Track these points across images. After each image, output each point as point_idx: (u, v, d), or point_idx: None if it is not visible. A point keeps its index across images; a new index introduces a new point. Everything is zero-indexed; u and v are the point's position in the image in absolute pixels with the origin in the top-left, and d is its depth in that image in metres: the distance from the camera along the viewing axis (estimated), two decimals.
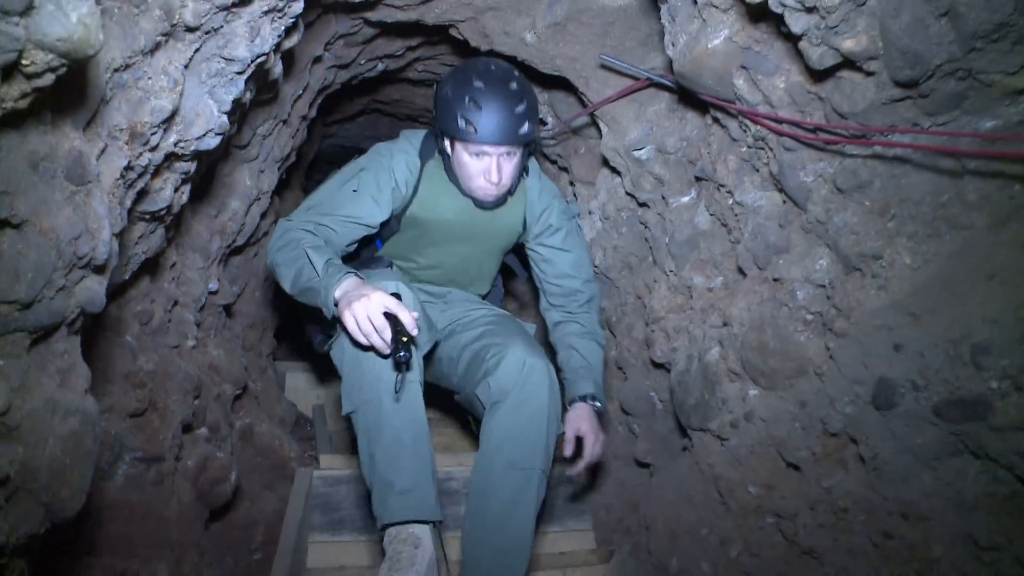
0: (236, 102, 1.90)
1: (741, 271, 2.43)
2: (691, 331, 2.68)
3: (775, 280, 2.26)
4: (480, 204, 2.47)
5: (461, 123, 2.26)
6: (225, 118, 1.82)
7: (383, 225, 2.44)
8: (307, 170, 5.18)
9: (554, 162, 3.58)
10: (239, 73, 1.83)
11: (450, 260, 2.63)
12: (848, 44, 1.64)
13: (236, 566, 2.81)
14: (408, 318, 1.92)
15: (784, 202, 2.20)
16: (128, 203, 1.65)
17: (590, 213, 3.24)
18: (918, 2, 1.53)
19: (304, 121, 3.14)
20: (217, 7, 1.62)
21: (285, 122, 2.81)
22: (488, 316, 2.58)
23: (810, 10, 1.62)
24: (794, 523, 2.30)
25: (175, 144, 1.71)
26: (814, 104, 1.92)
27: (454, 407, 2.89)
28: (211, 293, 2.58)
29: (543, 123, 3.38)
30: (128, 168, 1.55)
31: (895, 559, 2.02)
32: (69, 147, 1.38)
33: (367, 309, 1.90)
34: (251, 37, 1.77)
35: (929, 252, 1.87)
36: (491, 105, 2.25)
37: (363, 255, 2.60)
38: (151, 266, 2.21)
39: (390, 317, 1.91)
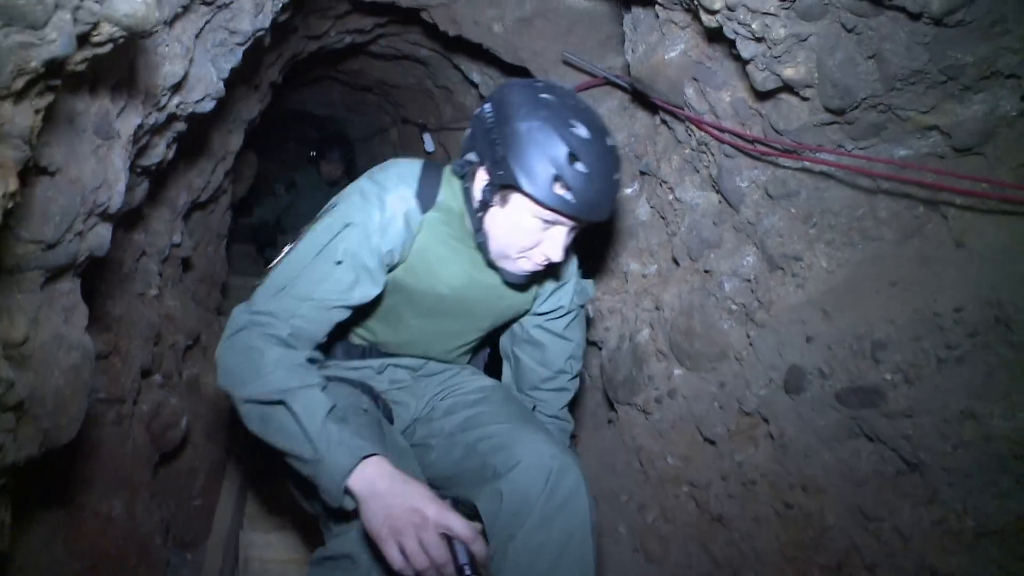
0: (233, 70, 2.09)
1: (675, 261, 2.73)
2: (624, 313, 2.97)
3: (706, 272, 2.56)
4: (509, 279, 1.91)
5: (551, 183, 1.65)
6: (222, 85, 2.01)
7: None
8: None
9: None
10: (239, 44, 2.02)
11: (434, 334, 2.07)
12: (789, 72, 1.93)
13: (178, 510, 3.00)
14: (480, 547, 1.50)
15: (720, 202, 2.50)
16: (131, 158, 1.85)
17: None
18: (851, 44, 1.83)
19: (271, 87, 3.31)
20: None
21: (256, 87, 2.98)
22: (476, 390, 2.09)
23: (759, 40, 1.90)
24: (707, 492, 2.63)
25: (177, 106, 1.90)
26: (754, 119, 2.22)
27: None
28: (174, 246, 2.75)
29: None
30: (140, 127, 1.74)
31: (794, 526, 2.36)
32: (100, 105, 1.58)
33: (422, 538, 1.46)
34: (255, 12, 1.96)
35: (843, 258, 2.20)
36: (597, 166, 1.67)
37: None
38: (128, 217, 2.38)
39: (448, 539, 1.48)
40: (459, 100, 4.14)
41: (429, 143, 4.82)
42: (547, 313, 2.14)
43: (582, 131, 1.68)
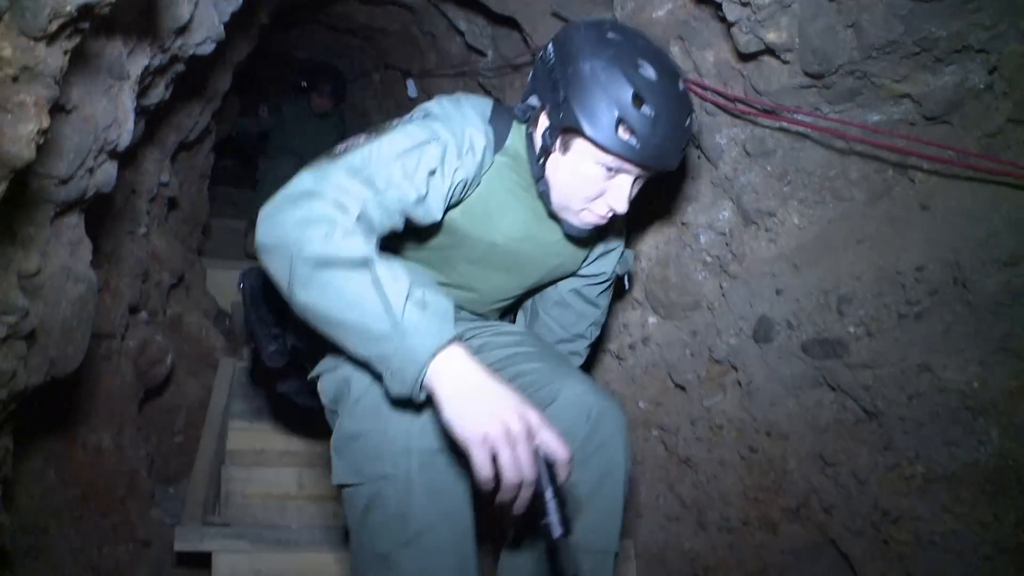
0: (232, 14, 2.15)
1: (653, 211, 2.84)
2: None
3: (683, 224, 2.69)
4: (570, 232, 1.85)
5: (615, 127, 1.58)
6: (223, 28, 2.08)
7: None
8: None
9: (488, 92, 3.91)
10: None
11: (477, 284, 1.95)
12: (771, 36, 2.04)
13: (160, 446, 3.11)
14: (567, 471, 1.32)
15: (699, 158, 2.62)
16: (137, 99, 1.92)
17: None
18: (831, 12, 1.94)
19: (260, 29, 3.35)
20: None
21: (247, 29, 3.02)
22: (508, 333, 2.03)
23: (744, 4, 2.00)
24: (675, 436, 2.78)
25: (179, 48, 1.97)
26: (736, 79, 2.32)
27: None
28: (162, 185, 2.81)
29: (483, 55, 3.69)
30: (146, 68, 1.81)
31: (758, 469, 2.52)
32: (114, 47, 1.65)
33: (518, 450, 1.26)
34: None
35: (814, 215, 2.33)
36: (664, 110, 1.60)
37: None
38: (122, 155, 2.44)
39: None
40: (444, 47, 4.19)
41: (412, 89, 4.87)
42: (588, 277, 2.08)
43: (650, 72, 1.59)
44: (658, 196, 2.74)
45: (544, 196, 1.78)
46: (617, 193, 1.69)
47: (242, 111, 6.34)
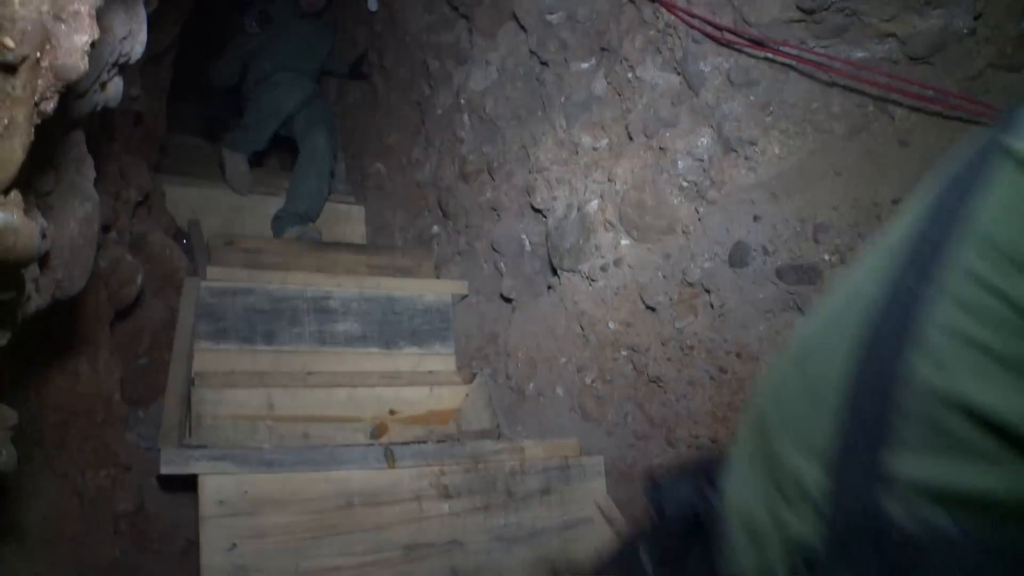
0: None
1: (630, 136, 2.94)
2: (573, 183, 3.19)
3: (660, 149, 2.79)
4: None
5: None
6: None
7: None
8: None
9: (456, 8, 3.90)
10: None
11: None
12: None
13: (126, 370, 3.13)
14: None
15: (680, 84, 2.72)
16: None
17: (487, 63, 3.63)
18: None
19: None
20: None
21: None
22: None
23: None
24: (645, 356, 2.94)
25: None
26: (724, 8, 2.42)
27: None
28: (131, 99, 2.78)
29: None
30: None
31: (727, 389, 2.70)
32: None
33: None
34: None
35: (795, 146, 2.47)
36: None
37: None
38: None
39: None
40: None
41: (373, 2, 4.81)
42: None
43: None
44: (636, 121, 2.83)
45: None
46: None
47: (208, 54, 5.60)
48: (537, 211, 3.42)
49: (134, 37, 1.69)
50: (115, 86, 1.77)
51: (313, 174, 4.94)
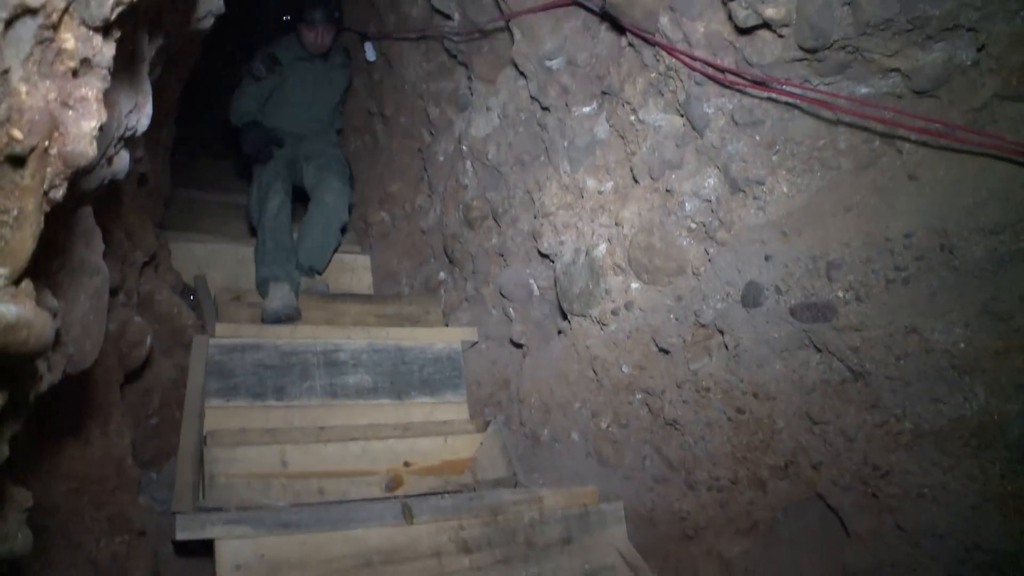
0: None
1: (635, 179, 2.93)
2: (580, 227, 3.17)
3: (667, 191, 2.78)
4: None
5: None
6: (222, 1, 2.06)
7: None
8: None
9: (454, 56, 3.91)
10: None
11: None
12: (770, 12, 2.13)
13: (136, 429, 3.09)
14: None
15: (684, 125, 2.71)
16: None
17: (488, 109, 3.63)
18: None
19: None
20: None
21: None
22: None
23: None
24: (661, 399, 2.90)
25: (182, 25, 1.95)
26: (727, 50, 2.41)
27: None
28: (136, 161, 2.77)
29: (448, 17, 3.68)
30: (159, 47, 1.80)
31: (745, 429, 2.66)
32: (141, 29, 1.64)
33: None
34: None
35: (803, 184, 2.45)
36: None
37: None
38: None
39: None
40: (404, 10, 4.19)
41: (371, 52, 4.82)
42: None
43: None
44: (640, 164, 2.82)
45: None
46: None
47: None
48: (544, 256, 3.41)
49: (140, 110, 1.68)
50: (121, 159, 1.76)
51: (320, 230, 4.64)
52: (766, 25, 2.20)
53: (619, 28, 2.78)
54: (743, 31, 2.27)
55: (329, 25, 4.80)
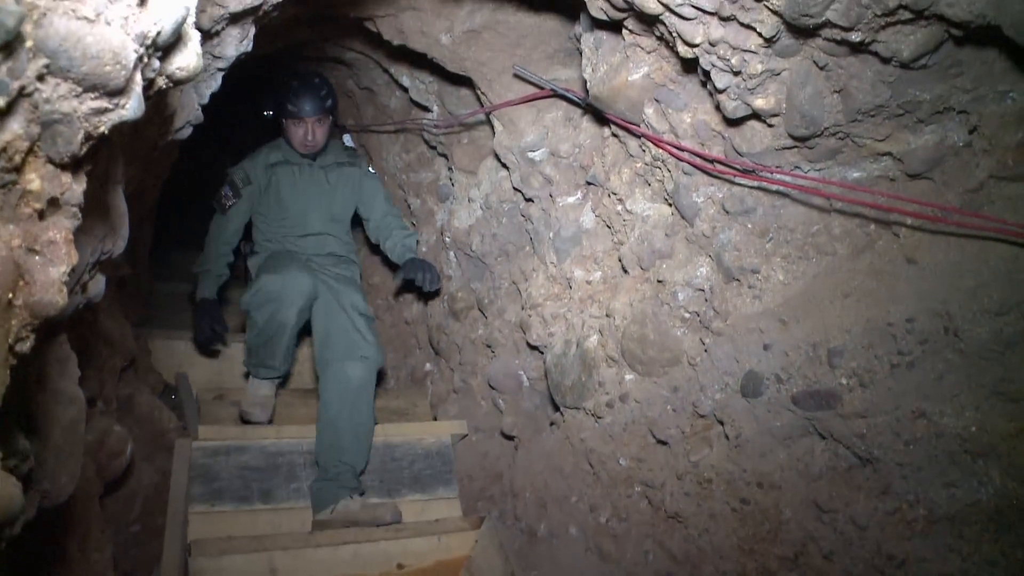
0: (212, 95, 2.04)
1: (624, 269, 2.83)
2: (569, 318, 3.07)
3: (658, 281, 2.68)
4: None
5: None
6: (200, 111, 1.96)
7: None
8: None
9: (434, 147, 3.84)
10: (221, 70, 1.98)
11: None
12: (759, 102, 2.06)
13: (118, 538, 2.91)
14: None
15: (672, 215, 2.62)
16: None
17: (470, 200, 3.55)
18: (820, 78, 1.97)
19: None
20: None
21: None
22: None
23: (736, 73, 2.02)
24: (661, 491, 2.76)
25: (159, 137, 1.85)
26: (715, 139, 2.34)
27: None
28: (115, 267, 2.65)
29: (427, 109, 3.62)
30: (133, 161, 1.69)
31: (751, 521, 2.53)
32: (114, 153, 1.53)
33: None
34: (240, 38, 1.93)
35: (799, 271, 2.36)
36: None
37: None
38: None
39: None
40: (382, 101, 4.12)
41: (348, 142, 4.76)
42: None
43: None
44: (629, 254, 2.73)
45: None
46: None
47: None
48: (533, 348, 3.29)
49: (115, 233, 1.57)
50: (97, 284, 1.64)
51: (347, 414, 3.48)
52: (756, 116, 2.13)
53: (602, 119, 2.71)
54: (732, 122, 2.20)
55: (321, 117, 3.80)
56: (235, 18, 1.79)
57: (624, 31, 2.31)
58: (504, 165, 3.24)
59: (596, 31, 2.43)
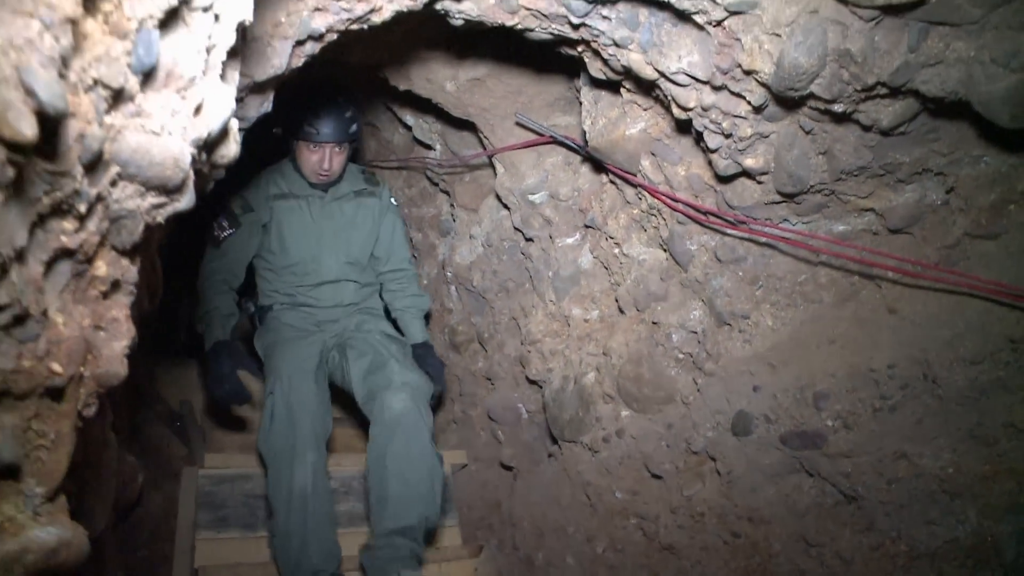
0: None
1: (620, 310, 2.98)
2: (567, 355, 3.21)
3: (654, 323, 2.83)
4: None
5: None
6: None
7: None
8: None
9: (436, 184, 3.99)
10: (241, 130, 2.12)
11: None
12: (749, 162, 2.21)
13: (126, 565, 3.03)
14: None
15: (667, 260, 2.77)
16: None
17: (471, 237, 3.70)
18: (806, 141, 2.12)
19: None
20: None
21: None
22: None
23: (727, 135, 2.17)
24: (655, 524, 2.90)
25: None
26: (707, 191, 2.49)
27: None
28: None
29: (430, 148, 3.77)
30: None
31: (742, 554, 2.67)
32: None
33: None
34: (262, 102, 2.07)
35: (787, 317, 2.51)
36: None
37: None
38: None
39: None
40: (385, 137, 4.27)
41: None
42: None
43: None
44: (626, 295, 2.88)
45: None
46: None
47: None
48: (532, 382, 3.43)
49: (156, 295, 1.71)
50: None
51: (397, 450, 2.97)
52: (746, 173, 2.28)
53: (601, 166, 2.87)
54: (723, 179, 2.35)
55: (343, 145, 3.28)
56: (259, 86, 1.94)
57: (622, 89, 2.47)
58: (505, 205, 3.39)
59: (595, 88, 2.59)
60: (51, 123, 0.85)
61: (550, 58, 2.59)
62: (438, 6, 2.17)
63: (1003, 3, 1.62)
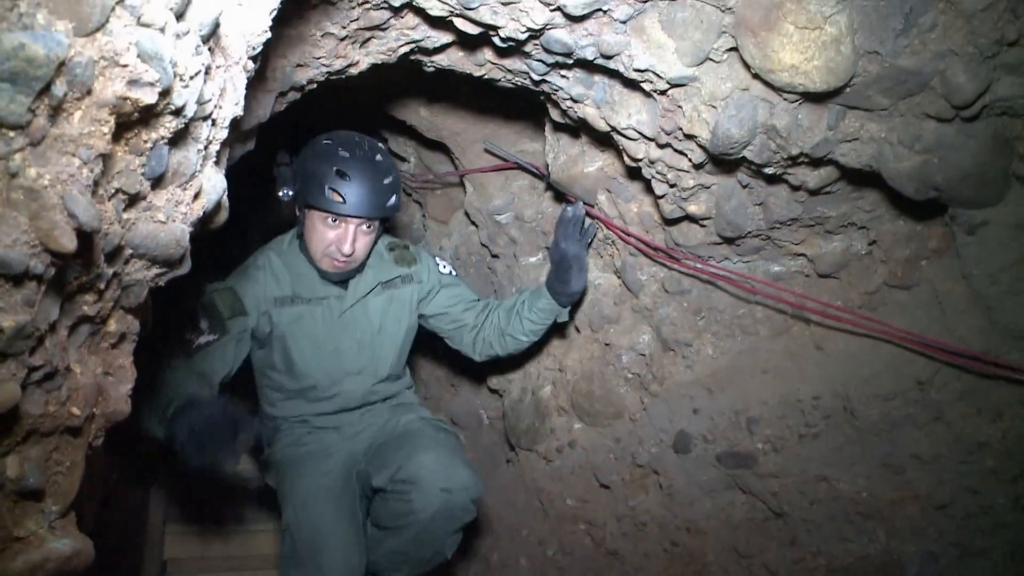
0: None
1: (576, 329, 3.24)
2: (527, 369, 3.47)
3: (606, 344, 3.09)
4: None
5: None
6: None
7: None
8: None
9: (409, 194, 4.23)
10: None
11: None
12: (692, 208, 2.47)
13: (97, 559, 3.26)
14: None
15: (620, 286, 3.03)
16: None
17: (441, 248, 3.95)
18: (743, 194, 2.39)
19: None
20: None
21: None
22: None
23: (672, 185, 2.43)
24: (603, 530, 3.18)
25: None
26: (657, 228, 2.75)
27: None
28: None
29: (404, 160, 4.00)
30: None
31: (680, 562, 2.95)
32: None
33: None
34: (245, 145, 2.31)
35: (725, 347, 2.78)
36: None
37: None
38: None
39: None
40: None
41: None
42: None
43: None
44: (582, 316, 3.14)
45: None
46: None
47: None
48: (493, 391, 3.69)
49: (147, 328, 1.94)
50: None
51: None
52: (690, 218, 2.54)
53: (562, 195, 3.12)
54: (670, 222, 2.62)
55: (372, 225, 2.64)
56: (243, 135, 2.17)
57: (581, 132, 2.72)
58: (473, 223, 3.63)
59: (557, 130, 2.84)
60: (87, 237, 1.10)
61: (519, 95, 2.83)
62: (412, 57, 2.42)
63: (907, 96, 1.88)
